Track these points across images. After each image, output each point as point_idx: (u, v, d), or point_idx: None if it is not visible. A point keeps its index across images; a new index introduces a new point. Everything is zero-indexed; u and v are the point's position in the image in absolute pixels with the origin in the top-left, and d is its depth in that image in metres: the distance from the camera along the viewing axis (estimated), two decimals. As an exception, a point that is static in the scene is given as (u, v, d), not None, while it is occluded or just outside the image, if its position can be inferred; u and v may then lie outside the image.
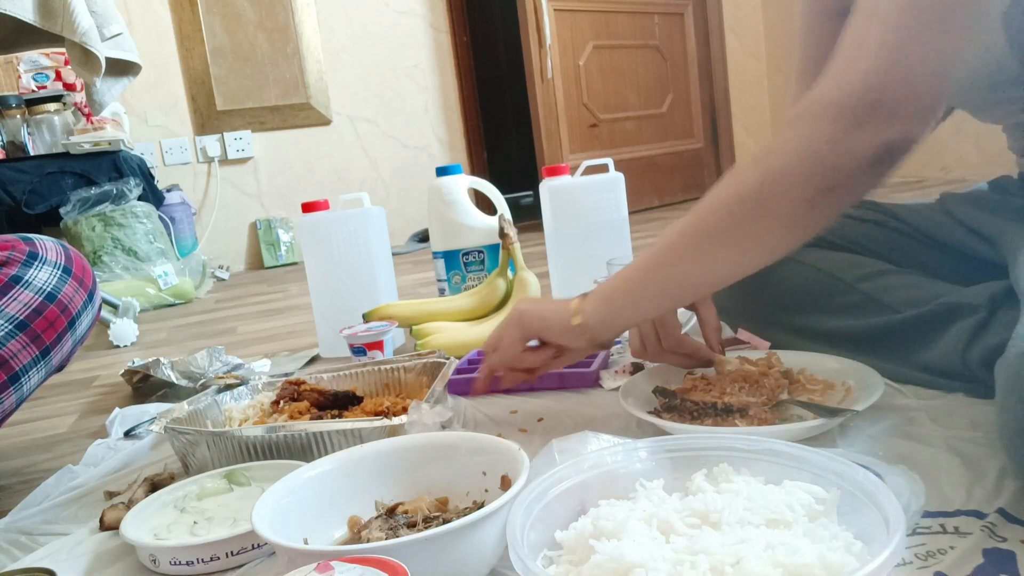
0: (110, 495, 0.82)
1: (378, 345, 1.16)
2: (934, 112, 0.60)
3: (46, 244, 0.94)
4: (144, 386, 1.32)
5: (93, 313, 0.99)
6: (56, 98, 2.81)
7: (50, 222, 2.57)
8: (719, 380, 0.80)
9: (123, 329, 1.84)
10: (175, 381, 1.25)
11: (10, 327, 0.86)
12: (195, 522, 0.68)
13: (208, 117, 3.31)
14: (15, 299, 0.87)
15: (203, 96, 3.30)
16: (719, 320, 0.89)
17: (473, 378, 1.04)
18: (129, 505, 0.73)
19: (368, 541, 0.55)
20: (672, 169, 3.73)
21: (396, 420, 0.76)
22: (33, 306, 0.88)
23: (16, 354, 0.86)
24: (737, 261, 0.68)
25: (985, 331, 0.75)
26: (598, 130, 3.51)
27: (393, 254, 1.46)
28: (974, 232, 0.87)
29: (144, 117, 3.24)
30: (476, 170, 3.58)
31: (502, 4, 4.37)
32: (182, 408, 0.89)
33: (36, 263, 0.91)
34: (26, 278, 0.89)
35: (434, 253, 1.54)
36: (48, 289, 0.90)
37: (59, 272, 0.92)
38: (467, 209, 1.50)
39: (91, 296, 0.97)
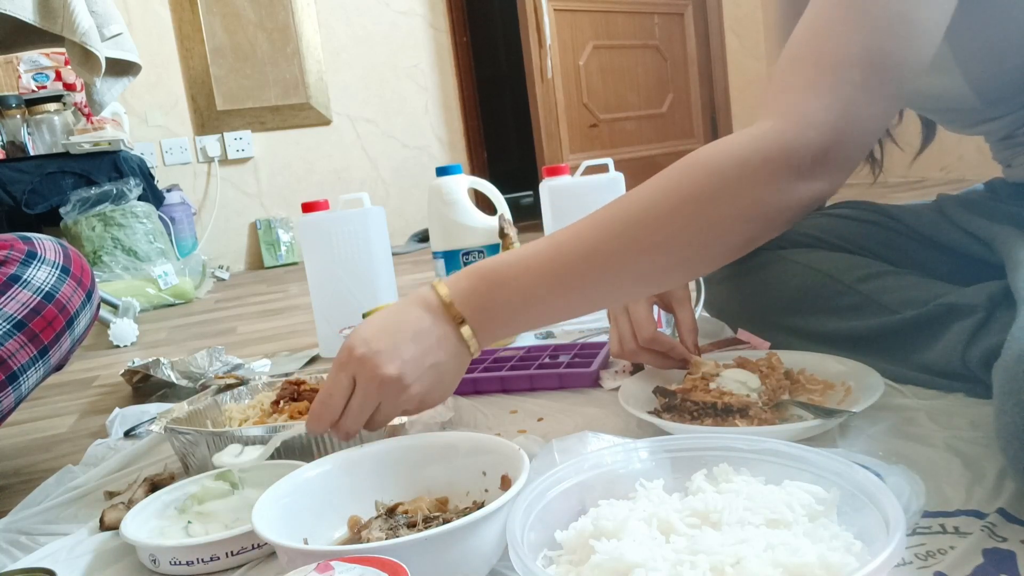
0: (110, 495, 0.82)
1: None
2: (856, 166, 0.63)
3: (45, 243, 0.94)
4: (144, 386, 1.32)
5: (92, 313, 0.99)
6: (56, 98, 2.81)
7: (50, 222, 2.57)
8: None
9: (123, 329, 1.84)
10: (175, 381, 1.25)
11: (8, 326, 0.86)
12: (189, 522, 0.68)
13: (208, 117, 3.31)
14: (13, 298, 0.87)
15: (203, 96, 3.30)
16: (695, 321, 0.89)
17: (476, 378, 1.04)
18: (129, 505, 0.73)
19: (368, 541, 0.55)
20: (672, 169, 3.73)
21: (396, 420, 0.76)
22: (31, 305, 0.88)
23: (14, 353, 0.86)
24: (664, 274, 0.65)
25: (984, 331, 0.75)
26: (598, 130, 3.51)
27: (393, 254, 1.46)
28: (970, 234, 0.87)
29: (144, 117, 3.24)
30: (476, 170, 3.58)
31: (502, 4, 4.37)
32: (182, 408, 0.89)
33: (35, 262, 0.91)
34: (24, 277, 0.89)
35: (434, 253, 1.53)
36: (46, 288, 0.90)
37: (57, 271, 0.92)
38: (467, 209, 1.50)
39: (89, 296, 0.97)
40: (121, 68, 1.86)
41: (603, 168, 1.44)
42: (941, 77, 0.78)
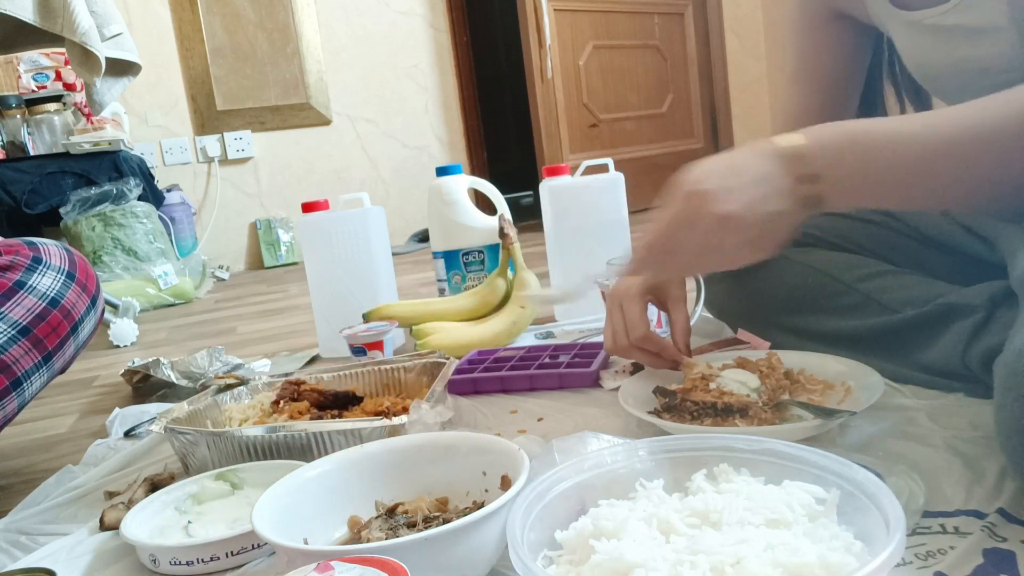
0: (110, 495, 0.82)
1: (378, 345, 1.16)
2: None
3: (50, 249, 0.94)
4: (144, 386, 1.32)
5: (96, 318, 0.99)
6: (56, 98, 2.81)
7: (50, 222, 2.57)
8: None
9: (123, 329, 1.84)
10: (175, 381, 1.25)
11: (13, 332, 0.86)
12: (189, 522, 0.69)
13: (208, 117, 3.31)
14: (19, 304, 0.87)
15: (203, 96, 3.30)
16: (689, 322, 0.89)
17: (476, 378, 1.04)
18: (129, 505, 0.73)
19: (368, 541, 0.55)
20: (672, 169, 3.65)
21: (396, 420, 0.76)
22: (36, 311, 0.88)
23: (18, 359, 0.86)
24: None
25: (984, 331, 0.75)
26: (598, 130, 3.51)
27: (393, 254, 1.46)
28: (971, 232, 0.87)
29: (144, 117, 3.24)
30: (476, 170, 3.58)
31: (502, 4, 4.36)
32: (182, 408, 0.89)
33: (40, 268, 0.91)
34: (30, 283, 0.89)
35: (434, 253, 1.54)
36: (52, 295, 0.90)
37: (63, 277, 0.92)
38: (467, 209, 1.50)
39: (94, 301, 0.97)
40: (121, 68, 1.86)
41: (603, 168, 1.44)
42: (995, 40, 0.73)
